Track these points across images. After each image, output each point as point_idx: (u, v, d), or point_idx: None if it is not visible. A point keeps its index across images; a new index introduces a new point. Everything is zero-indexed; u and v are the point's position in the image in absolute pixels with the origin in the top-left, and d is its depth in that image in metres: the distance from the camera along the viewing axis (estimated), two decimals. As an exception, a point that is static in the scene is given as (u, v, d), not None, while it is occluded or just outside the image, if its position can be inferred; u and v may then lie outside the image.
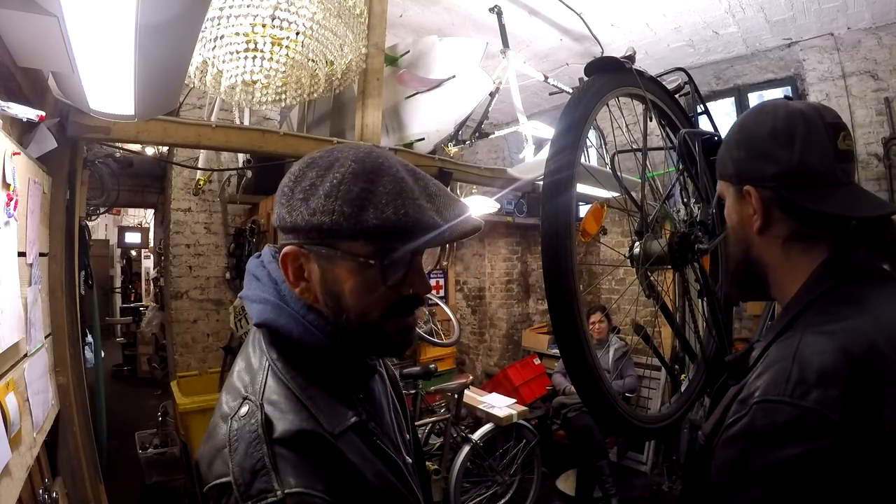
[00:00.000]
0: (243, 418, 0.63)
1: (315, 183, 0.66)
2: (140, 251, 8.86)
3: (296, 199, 0.66)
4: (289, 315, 0.69)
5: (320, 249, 0.67)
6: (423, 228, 0.65)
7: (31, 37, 0.95)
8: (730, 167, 0.81)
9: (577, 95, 1.29)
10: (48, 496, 1.38)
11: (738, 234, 0.82)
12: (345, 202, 0.63)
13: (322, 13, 1.60)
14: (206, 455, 0.64)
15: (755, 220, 0.77)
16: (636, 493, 3.67)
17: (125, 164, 4.24)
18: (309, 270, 0.69)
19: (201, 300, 4.20)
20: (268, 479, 0.59)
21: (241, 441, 0.62)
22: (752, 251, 0.80)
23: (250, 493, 0.58)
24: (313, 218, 0.64)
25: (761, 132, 0.77)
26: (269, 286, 0.73)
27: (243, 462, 0.60)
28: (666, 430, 1.53)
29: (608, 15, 3.22)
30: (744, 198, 0.78)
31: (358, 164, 0.65)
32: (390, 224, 0.63)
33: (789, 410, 0.59)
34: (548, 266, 1.19)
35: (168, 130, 1.85)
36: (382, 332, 0.70)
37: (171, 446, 3.62)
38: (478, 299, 5.63)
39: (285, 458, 0.61)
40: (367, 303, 0.68)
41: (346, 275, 0.67)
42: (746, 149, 0.79)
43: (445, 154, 2.83)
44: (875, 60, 3.23)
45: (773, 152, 0.75)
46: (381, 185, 0.64)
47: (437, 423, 3.26)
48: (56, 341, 1.64)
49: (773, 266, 0.78)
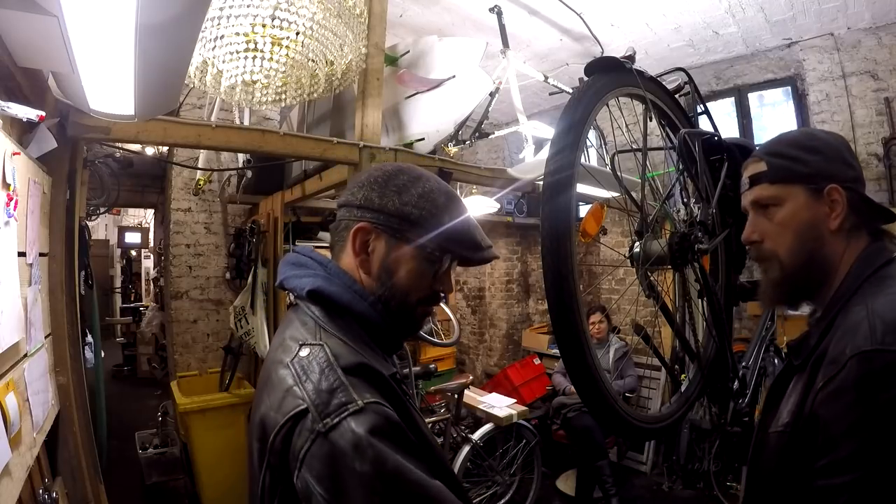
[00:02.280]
0: (307, 357, 0.71)
1: (407, 184, 0.83)
2: (140, 251, 8.85)
3: (389, 190, 0.82)
4: (339, 285, 0.81)
5: (396, 233, 0.81)
6: (475, 245, 0.85)
7: (31, 37, 0.95)
8: (804, 169, 0.87)
9: (577, 95, 1.29)
10: (48, 496, 1.38)
11: (806, 234, 0.85)
12: (433, 206, 0.82)
13: (322, 13, 1.60)
14: (274, 403, 0.69)
15: (834, 217, 0.84)
16: (636, 493, 3.67)
17: (125, 164, 4.24)
18: (374, 245, 0.82)
19: (201, 300, 4.20)
20: (346, 393, 0.65)
21: (311, 371, 0.69)
22: (823, 249, 0.85)
23: (329, 409, 0.64)
24: (405, 208, 0.81)
25: (834, 144, 0.89)
26: (317, 267, 0.84)
27: (318, 385, 0.66)
28: (666, 430, 1.53)
29: (608, 15, 3.22)
30: (820, 197, 0.85)
31: (441, 185, 0.86)
32: (457, 234, 0.83)
33: (886, 356, 0.68)
34: (548, 266, 1.19)
35: (168, 130, 1.85)
36: (413, 313, 0.85)
37: (171, 446, 3.62)
38: (478, 299, 5.63)
39: (354, 381, 0.68)
40: (414, 285, 0.83)
41: (409, 259, 0.82)
42: (825, 154, 0.87)
43: (445, 154, 2.82)
44: (875, 60, 3.23)
45: (850, 160, 0.88)
46: (455, 205, 0.85)
47: (437, 423, 3.26)
48: (56, 341, 1.64)
49: (836, 260, 0.84)
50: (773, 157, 0.90)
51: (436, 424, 3.28)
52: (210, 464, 3.00)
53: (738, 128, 4.04)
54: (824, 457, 0.71)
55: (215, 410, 3.03)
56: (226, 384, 3.25)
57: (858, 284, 0.80)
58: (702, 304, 1.55)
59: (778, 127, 3.91)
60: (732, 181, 1.50)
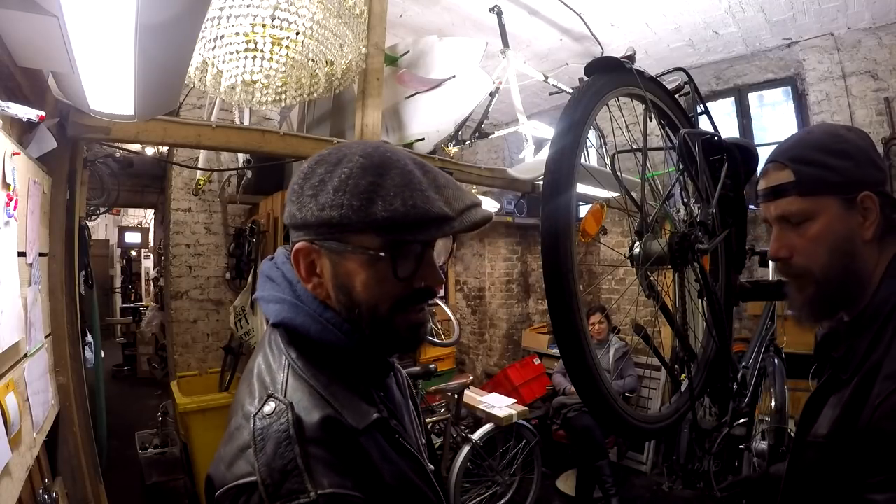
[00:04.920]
0: (269, 416, 0.61)
1: (324, 179, 0.66)
2: (140, 251, 8.85)
3: (305, 196, 0.67)
4: (306, 314, 0.69)
5: (331, 244, 0.67)
6: (433, 219, 0.65)
7: (31, 37, 0.95)
8: (836, 178, 0.80)
9: (577, 95, 1.29)
10: (48, 496, 1.38)
11: (841, 248, 0.80)
12: (353, 196, 0.63)
13: (322, 13, 1.60)
14: (226, 456, 0.62)
15: (868, 225, 0.79)
16: (636, 493, 3.67)
17: (125, 164, 4.24)
18: (321, 266, 0.69)
19: (201, 300, 4.20)
20: (299, 479, 0.58)
21: (269, 440, 0.60)
22: (858, 260, 0.80)
23: (280, 493, 0.57)
24: (322, 213, 0.64)
25: (862, 145, 0.82)
26: (285, 286, 0.72)
27: (272, 462, 0.58)
28: (666, 430, 1.53)
29: (608, 15, 3.22)
30: (853, 206, 0.79)
31: (366, 159, 0.66)
32: (399, 215, 0.63)
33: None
34: (548, 266, 1.18)
35: (168, 130, 1.85)
36: (392, 327, 0.70)
37: (171, 446, 3.61)
38: (478, 299, 5.63)
39: (317, 457, 0.59)
40: (377, 295, 0.68)
41: (357, 268, 0.67)
42: (855, 159, 0.80)
43: (445, 154, 2.82)
44: (875, 60, 3.23)
45: (877, 160, 0.81)
46: (390, 177, 0.64)
47: (437, 423, 3.26)
48: (56, 341, 1.63)
49: (870, 269, 0.80)
50: (801, 165, 0.82)
51: (436, 424, 3.28)
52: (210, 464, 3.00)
53: (738, 128, 4.04)
54: (881, 472, 0.68)
55: (215, 410, 3.03)
56: (226, 384, 3.25)
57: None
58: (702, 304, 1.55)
59: (778, 127, 3.91)
60: (732, 181, 1.49)
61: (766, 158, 0.91)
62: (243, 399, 0.66)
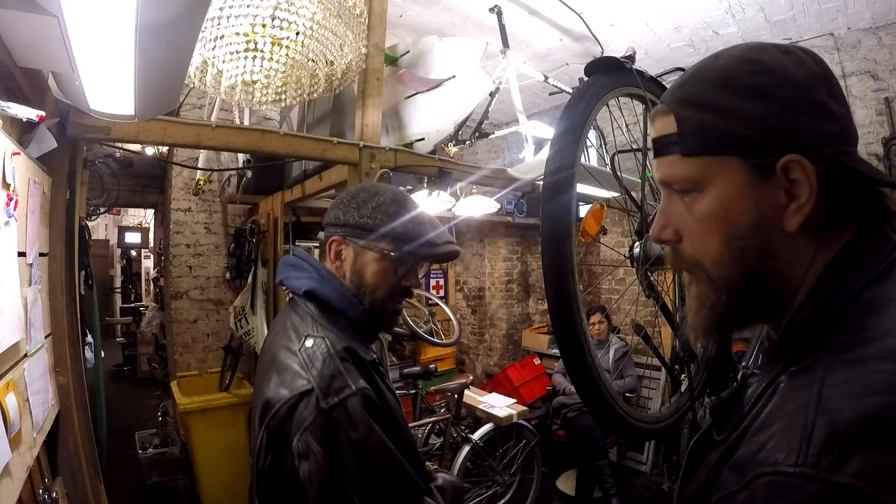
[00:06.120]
0: (311, 346, 0.90)
1: (366, 200, 1.03)
2: (140, 251, 8.85)
3: (350, 207, 1.03)
4: (330, 287, 1.01)
5: (358, 241, 1.02)
6: (426, 243, 1.02)
7: (31, 37, 0.95)
8: (741, 128, 0.51)
9: (577, 95, 1.29)
10: (48, 496, 1.38)
11: (743, 239, 0.53)
12: (384, 215, 1.01)
13: (322, 13, 1.60)
14: (283, 381, 0.88)
15: (794, 209, 0.51)
16: (636, 493, 3.67)
17: (125, 164, 4.24)
18: (346, 254, 1.04)
19: (201, 300, 4.20)
20: (343, 380, 0.86)
21: (316, 360, 0.88)
22: (775, 261, 0.53)
23: (331, 391, 0.84)
24: (361, 219, 1.01)
25: (796, 74, 0.51)
26: (312, 270, 1.04)
27: (322, 372, 0.86)
28: (666, 430, 1.53)
29: (608, 15, 3.22)
30: (769, 178, 0.51)
31: (394, 196, 1.05)
32: (408, 233, 1.01)
33: (814, 489, 0.38)
34: (548, 266, 1.19)
35: (168, 130, 1.85)
36: (383, 307, 1.04)
37: (171, 446, 3.62)
38: (478, 299, 5.63)
39: (349, 368, 0.88)
40: (379, 283, 1.02)
41: (371, 261, 1.02)
42: (779, 98, 0.50)
43: (445, 154, 2.82)
44: (875, 60, 3.23)
45: (826, 103, 0.50)
46: (406, 210, 1.03)
47: (437, 423, 3.26)
48: (56, 341, 1.64)
49: (798, 274, 0.53)
50: (687, 109, 0.55)
51: (436, 424, 3.28)
52: (210, 464, 3.00)
53: (738, 128, 4.03)
54: None
55: (215, 410, 3.03)
56: (226, 384, 3.25)
57: (825, 318, 0.48)
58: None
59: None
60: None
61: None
62: (281, 344, 0.94)
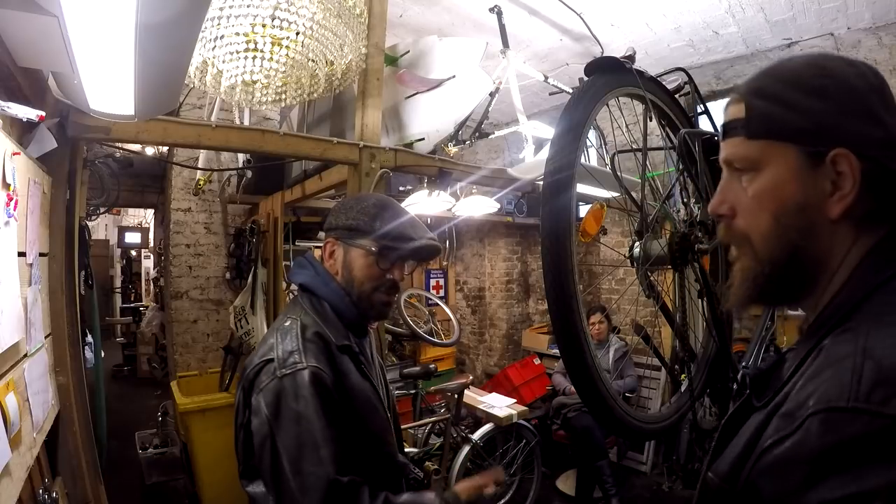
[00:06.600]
0: (287, 326, 1.08)
1: (353, 205, 1.19)
2: (140, 251, 8.85)
3: (341, 213, 1.19)
4: (321, 281, 1.18)
5: (347, 241, 1.17)
6: (405, 238, 1.15)
7: (31, 37, 0.95)
8: (799, 120, 0.58)
9: (577, 95, 1.29)
10: (48, 496, 1.38)
11: (791, 220, 0.59)
12: (366, 216, 1.16)
13: (322, 13, 1.60)
14: (259, 351, 1.08)
15: (838, 198, 0.57)
16: (636, 493, 3.67)
17: (125, 164, 4.23)
18: (337, 253, 1.18)
19: (201, 300, 4.20)
20: (299, 356, 1.02)
21: (285, 337, 1.05)
22: (816, 245, 0.59)
23: (286, 363, 1.01)
24: (349, 222, 1.16)
25: (856, 84, 0.58)
26: (311, 269, 1.20)
27: (284, 346, 1.04)
28: (666, 430, 1.53)
29: (608, 15, 3.22)
30: (819, 166, 0.57)
31: (377, 200, 1.21)
32: (388, 231, 1.14)
33: (866, 420, 0.43)
34: (548, 266, 1.19)
35: (168, 130, 1.85)
36: (370, 300, 1.17)
37: (171, 446, 3.62)
38: (478, 299, 5.63)
39: (310, 349, 1.04)
40: (365, 277, 1.15)
41: (358, 257, 1.16)
42: (836, 100, 0.57)
43: (445, 154, 2.82)
44: (875, 60, 3.23)
45: (878, 111, 0.57)
46: (389, 213, 1.17)
47: (437, 423, 3.26)
48: (56, 341, 1.64)
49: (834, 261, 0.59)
50: (757, 99, 0.62)
51: (436, 424, 3.28)
52: (210, 464, 3.00)
53: (738, 128, 4.03)
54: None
55: (215, 410, 3.03)
56: (226, 384, 3.25)
57: (862, 297, 0.55)
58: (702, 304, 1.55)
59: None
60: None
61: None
62: (274, 325, 1.13)
